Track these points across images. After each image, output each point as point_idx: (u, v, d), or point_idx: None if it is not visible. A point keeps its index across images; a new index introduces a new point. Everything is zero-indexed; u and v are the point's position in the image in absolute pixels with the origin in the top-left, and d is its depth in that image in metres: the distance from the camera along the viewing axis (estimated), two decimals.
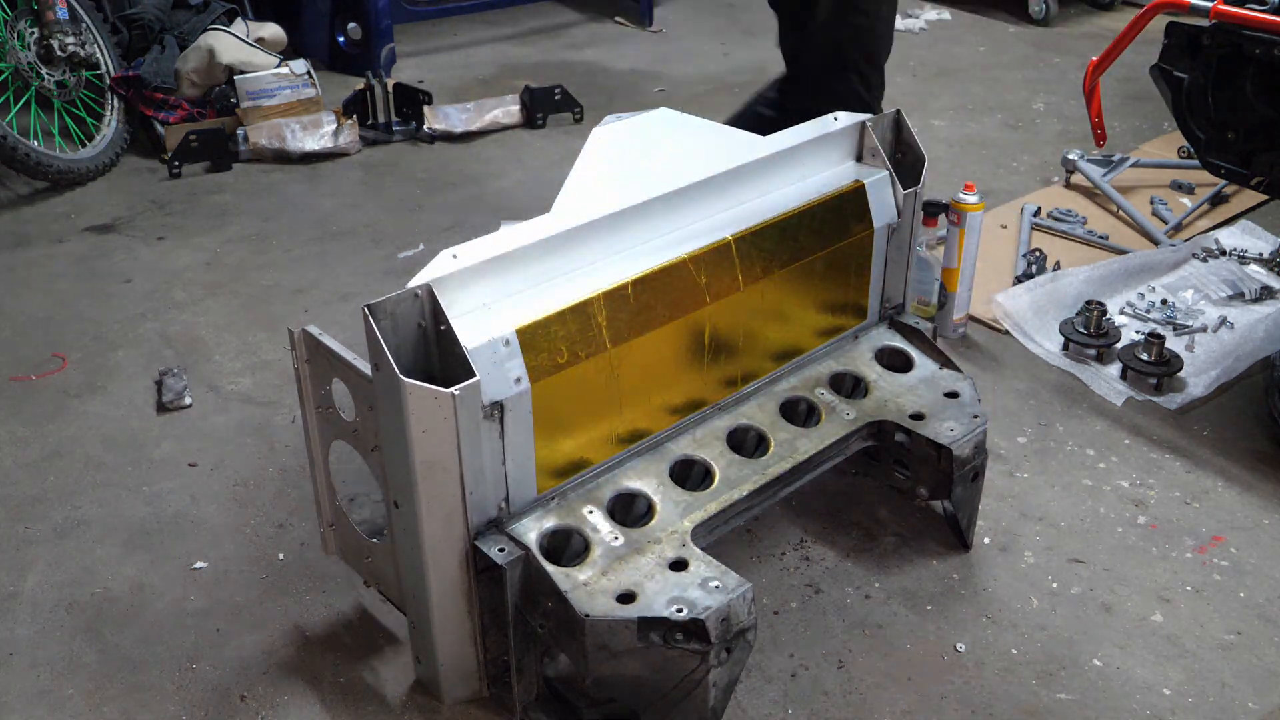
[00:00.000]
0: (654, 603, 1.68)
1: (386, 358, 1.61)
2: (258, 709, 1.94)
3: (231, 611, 2.13)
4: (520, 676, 1.84)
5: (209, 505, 2.41)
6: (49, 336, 3.03)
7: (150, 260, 3.43)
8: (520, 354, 1.74)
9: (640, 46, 5.38)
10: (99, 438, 2.63)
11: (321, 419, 1.93)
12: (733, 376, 2.10)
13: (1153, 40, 3.05)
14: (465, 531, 1.75)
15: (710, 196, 2.04)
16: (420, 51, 5.26)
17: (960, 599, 2.15)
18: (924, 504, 2.34)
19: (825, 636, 2.06)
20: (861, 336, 2.33)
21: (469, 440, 1.69)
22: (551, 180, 3.75)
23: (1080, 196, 3.73)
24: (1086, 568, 2.23)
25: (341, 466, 2.10)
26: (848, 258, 2.22)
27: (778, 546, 2.28)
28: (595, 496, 1.89)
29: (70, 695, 1.96)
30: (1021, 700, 1.94)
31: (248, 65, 4.25)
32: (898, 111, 2.30)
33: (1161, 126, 4.36)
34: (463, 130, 4.30)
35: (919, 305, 2.99)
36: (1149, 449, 2.56)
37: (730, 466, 1.99)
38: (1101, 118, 3.62)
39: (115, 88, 4.14)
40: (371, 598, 2.13)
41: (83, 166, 3.88)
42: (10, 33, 3.83)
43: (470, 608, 1.81)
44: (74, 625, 2.11)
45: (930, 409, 2.15)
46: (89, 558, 2.27)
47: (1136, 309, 3.05)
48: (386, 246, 3.51)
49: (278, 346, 2.96)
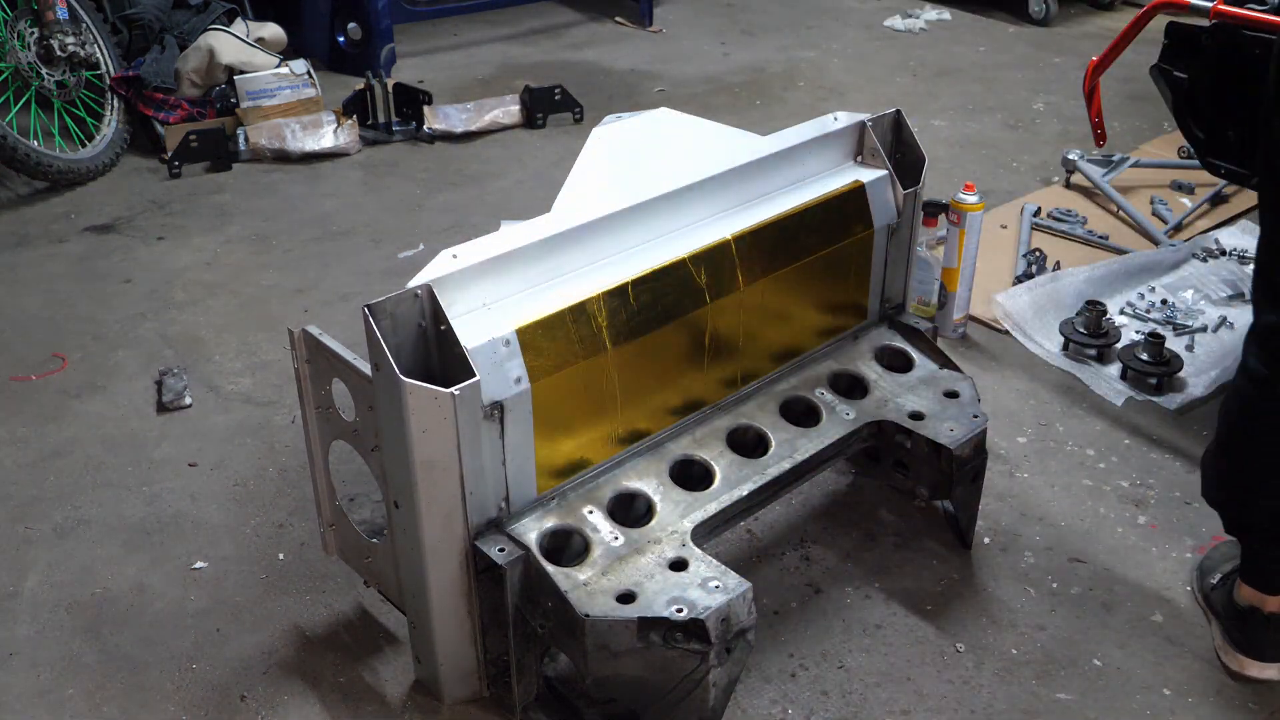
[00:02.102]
0: (654, 603, 1.68)
1: (386, 358, 1.61)
2: (258, 709, 1.93)
3: (231, 611, 2.13)
4: (520, 676, 1.84)
5: (209, 505, 2.41)
6: (49, 336, 3.03)
7: (150, 260, 3.43)
8: (520, 354, 1.74)
9: (640, 46, 5.38)
10: (99, 438, 2.63)
11: (321, 419, 1.93)
12: (733, 376, 2.10)
13: (1153, 40, 3.05)
14: (465, 531, 1.75)
15: (710, 196, 2.04)
16: (420, 51, 5.26)
17: (960, 599, 2.15)
18: (924, 504, 2.34)
19: (825, 636, 2.06)
20: (861, 336, 2.33)
21: (469, 440, 1.69)
22: (551, 180, 3.75)
23: (1080, 196, 3.73)
24: (1086, 568, 2.23)
25: (341, 466, 2.10)
26: (848, 258, 2.22)
27: (778, 546, 2.28)
28: (595, 496, 1.89)
29: (70, 695, 1.96)
30: (1021, 700, 1.94)
31: (248, 65, 4.24)
32: (898, 111, 2.30)
33: (1161, 126, 4.36)
34: (463, 130, 4.29)
35: (919, 305, 2.99)
36: (1149, 449, 2.56)
37: (730, 466, 1.99)
38: (1101, 118, 3.62)
39: (115, 88, 4.13)
40: (371, 598, 2.13)
41: (83, 166, 3.88)
42: (10, 33, 3.83)
43: (470, 608, 1.81)
44: (74, 625, 2.11)
45: (930, 409, 2.15)
46: (89, 558, 2.27)
47: (1136, 309, 3.05)
48: (386, 246, 3.51)
49: (278, 346, 2.96)
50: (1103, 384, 2.77)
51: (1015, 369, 2.86)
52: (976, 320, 3.03)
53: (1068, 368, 2.84)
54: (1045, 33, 5.60)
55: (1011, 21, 5.74)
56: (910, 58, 5.20)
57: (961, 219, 2.87)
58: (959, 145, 4.24)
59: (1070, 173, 3.80)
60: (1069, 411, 2.69)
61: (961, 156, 4.14)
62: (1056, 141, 4.23)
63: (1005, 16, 5.79)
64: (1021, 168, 4.04)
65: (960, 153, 4.17)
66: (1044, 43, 5.45)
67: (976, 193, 2.87)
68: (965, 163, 4.08)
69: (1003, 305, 3.03)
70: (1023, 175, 3.98)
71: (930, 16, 5.77)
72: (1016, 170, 4.03)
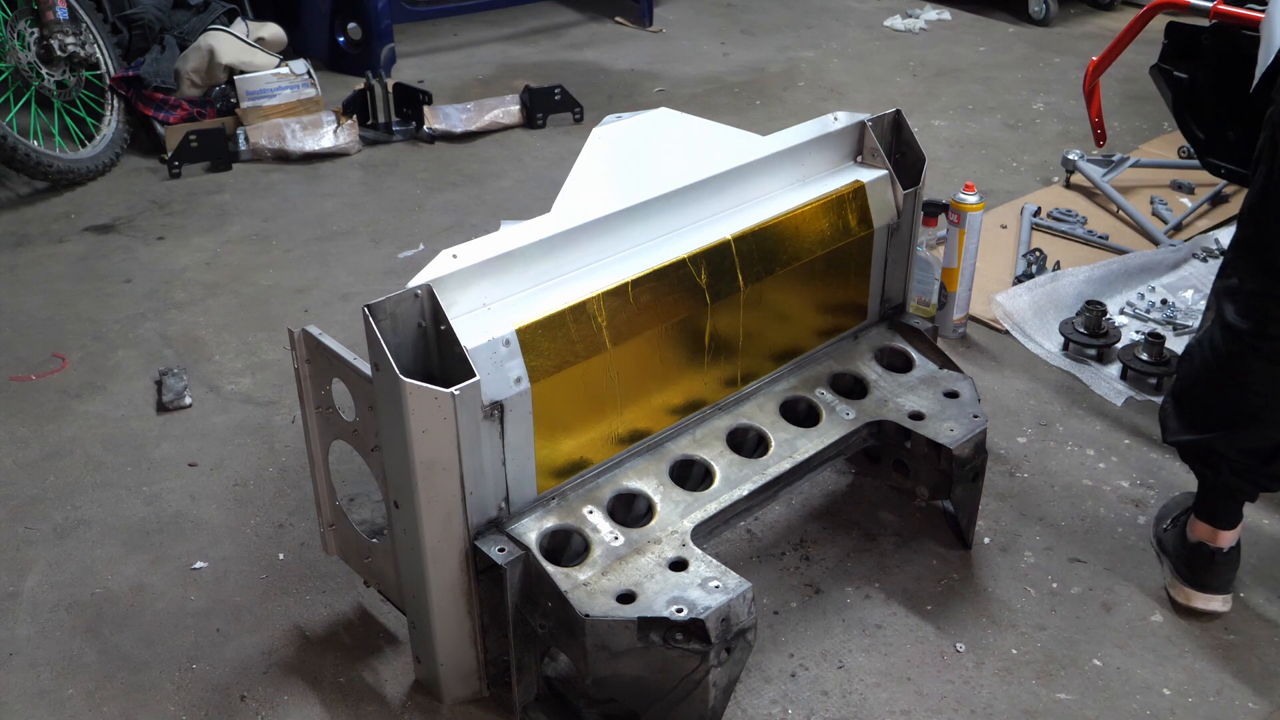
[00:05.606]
0: (654, 603, 1.68)
1: (386, 358, 1.61)
2: (258, 709, 1.94)
3: (231, 611, 2.13)
4: (520, 676, 1.84)
5: (209, 505, 2.41)
6: (49, 336, 3.03)
7: (150, 260, 3.43)
8: (520, 354, 1.74)
9: (640, 46, 5.38)
10: (99, 438, 2.63)
11: (321, 419, 1.93)
12: (733, 376, 2.10)
13: (1153, 40, 3.05)
14: (465, 531, 1.75)
15: (710, 196, 2.04)
16: (420, 51, 5.26)
17: (960, 599, 2.15)
18: (924, 504, 2.34)
19: (825, 636, 2.06)
20: (861, 336, 2.33)
21: (469, 440, 1.69)
22: (551, 180, 3.75)
23: (1080, 196, 3.73)
24: (1086, 568, 2.23)
25: (341, 466, 2.10)
26: (848, 258, 2.22)
27: (778, 546, 2.28)
28: (595, 496, 1.89)
29: (70, 695, 1.96)
30: (1021, 700, 1.94)
31: (248, 65, 4.25)
32: (897, 111, 2.30)
33: (1161, 126, 4.36)
34: (463, 130, 4.29)
35: (919, 305, 2.99)
36: (1149, 449, 2.56)
37: (730, 466, 1.99)
38: (1101, 118, 3.62)
39: (115, 88, 4.13)
40: (371, 598, 2.13)
41: (83, 166, 3.88)
42: (10, 33, 3.83)
43: (470, 608, 1.81)
44: (74, 625, 2.11)
45: (930, 409, 2.15)
46: (89, 558, 2.27)
47: (1136, 309, 3.05)
48: (386, 246, 3.51)
49: (278, 346, 2.96)
50: (1103, 384, 2.77)
51: (1015, 369, 2.86)
52: (976, 320, 3.03)
53: (1068, 368, 2.84)
54: (1045, 33, 5.60)
55: (1011, 21, 5.74)
56: (910, 58, 5.20)
57: (961, 219, 2.87)
58: (959, 145, 4.24)
59: (1070, 173, 3.80)
60: (1069, 411, 2.69)
61: (961, 156, 4.14)
62: (1056, 141, 4.23)
63: (1005, 16, 5.80)
64: (1021, 168, 4.04)
65: (960, 153, 4.17)
66: (1044, 43, 5.45)
67: (976, 193, 2.88)
68: (965, 163, 4.08)
69: (1003, 305, 3.03)
70: (1023, 175, 3.98)
71: (930, 16, 5.77)
72: (1016, 170, 4.03)
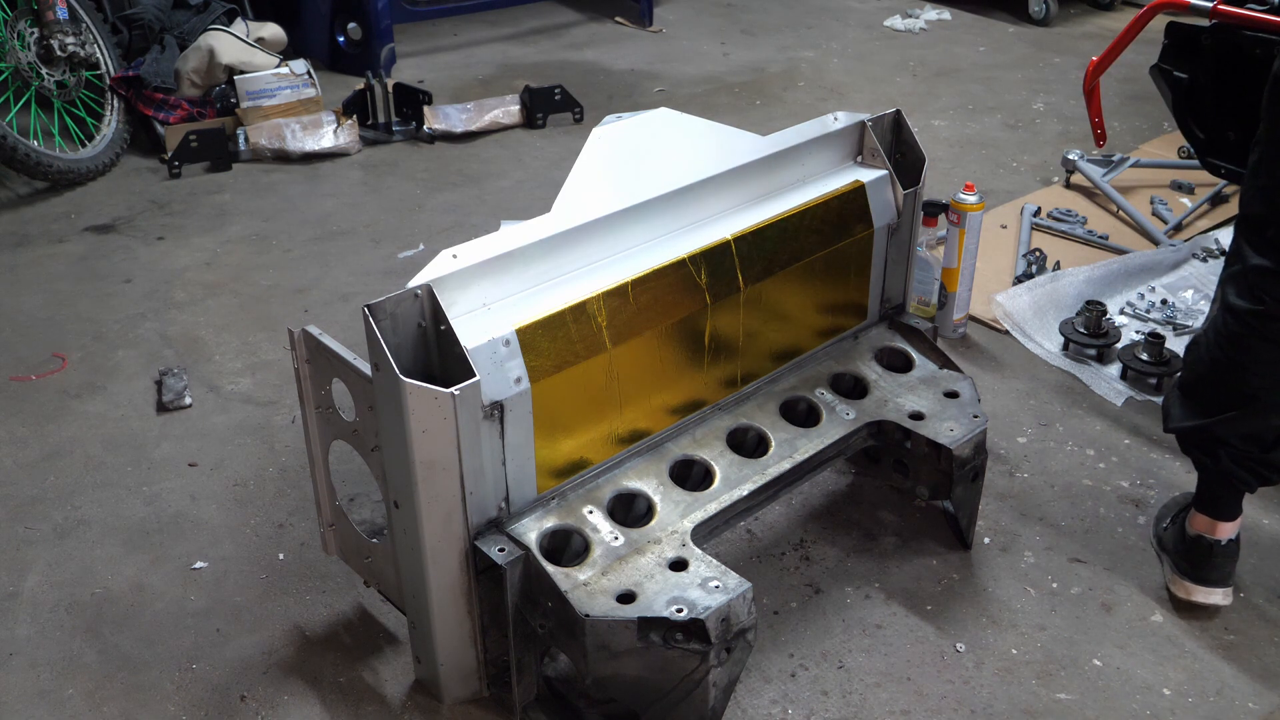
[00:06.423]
0: (654, 603, 1.68)
1: (386, 358, 1.61)
2: (258, 709, 1.93)
3: (231, 611, 2.13)
4: (520, 676, 1.84)
5: (209, 505, 2.41)
6: (49, 336, 3.03)
7: (150, 260, 3.43)
8: (520, 354, 1.74)
9: (640, 46, 5.38)
10: (99, 438, 2.63)
11: (321, 419, 1.93)
12: (733, 376, 2.10)
13: (1153, 40, 3.05)
14: (465, 531, 1.75)
15: (710, 196, 2.04)
16: (420, 51, 5.26)
17: (960, 599, 2.15)
18: (924, 504, 2.34)
19: (825, 636, 2.06)
20: (861, 336, 2.33)
21: (469, 440, 1.69)
22: (551, 180, 3.75)
23: (1080, 196, 3.73)
24: (1086, 568, 2.23)
25: (341, 466, 2.10)
26: (848, 258, 2.22)
27: (778, 546, 2.28)
28: (595, 496, 1.89)
29: (70, 695, 1.96)
30: (1021, 700, 1.94)
31: (248, 65, 4.25)
32: (897, 111, 2.30)
33: (1161, 126, 4.36)
34: (463, 130, 4.29)
35: (919, 305, 2.99)
36: (1149, 449, 2.56)
37: (730, 466, 1.99)
38: (1101, 118, 3.62)
39: (115, 88, 4.13)
40: (371, 598, 2.13)
41: (83, 166, 3.88)
42: (10, 33, 3.83)
43: (470, 608, 1.81)
44: (74, 625, 2.11)
45: (930, 409, 2.15)
46: (89, 558, 2.27)
47: (1136, 309, 3.05)
48: (386, 246, 3.51)
49: (278, 346, 2.96)
50: (1103, 384, 2.77)
51: (1015, 369, 2.85)
52: (976, 320, 3.03)
53: (1068, 368, 2.84)
54: (1045, 33, 5.60)
55: (1011, 21, 5.74)
56: (910, 58, 5.20)
57: (961, 219, 2.87)
58: (959, 145, 4.24)
59: (1070, 173, 3.80)
60: (1069, 411, 2.69)
61: (961, 156, 4.14)
62: (1056, 141, 4.23)
63: (1005, 16, 5.80)
64: (1021, 168, 4.04)
65: (960, 153, 4.17)
66: (1044, 43, 5.45)
67: (976, 193, 2.87)
68: (965, 163, 4.08)
69: (1003, 305, 3.03)
70: (1023, 175, 3.98)
71: (930, 16, 5.77)
72: (1016, 170, 4.03)
